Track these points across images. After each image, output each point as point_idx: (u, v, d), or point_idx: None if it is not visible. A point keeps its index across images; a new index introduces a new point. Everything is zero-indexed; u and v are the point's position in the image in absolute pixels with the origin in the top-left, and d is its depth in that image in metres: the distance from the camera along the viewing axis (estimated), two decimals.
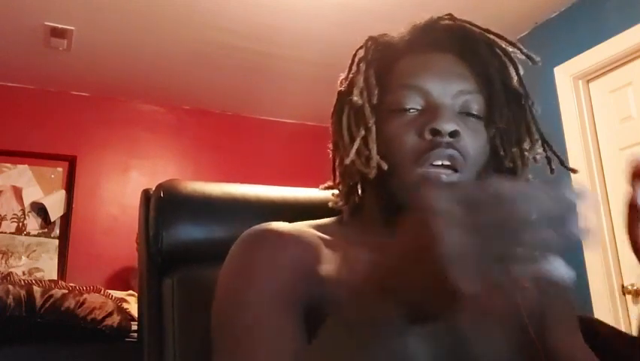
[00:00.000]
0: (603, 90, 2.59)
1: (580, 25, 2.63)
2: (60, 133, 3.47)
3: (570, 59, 2.64)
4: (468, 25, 0.74)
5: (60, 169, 3.44)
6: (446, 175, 0.64)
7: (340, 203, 0.77)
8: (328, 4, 2.64)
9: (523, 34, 2.87)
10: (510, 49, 0.73)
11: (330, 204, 0.79)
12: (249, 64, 3.22)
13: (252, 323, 0.58)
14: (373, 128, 0.68)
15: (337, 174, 0.77)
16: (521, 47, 0.73)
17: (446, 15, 0.75)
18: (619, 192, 2.48)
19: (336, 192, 0.79)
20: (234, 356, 0.59)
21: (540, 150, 0.73)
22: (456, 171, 0.65)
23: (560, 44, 2.70)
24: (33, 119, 3.43)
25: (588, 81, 2.65)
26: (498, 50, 0.72)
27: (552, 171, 0.75)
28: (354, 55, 0.76)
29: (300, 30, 2.86)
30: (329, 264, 0.65)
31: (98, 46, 3.00)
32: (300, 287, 0.61)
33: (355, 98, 0.69)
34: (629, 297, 2.39)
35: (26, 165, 3.37)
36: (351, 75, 0.74)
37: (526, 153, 0.72)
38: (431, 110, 0.66)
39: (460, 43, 0.72)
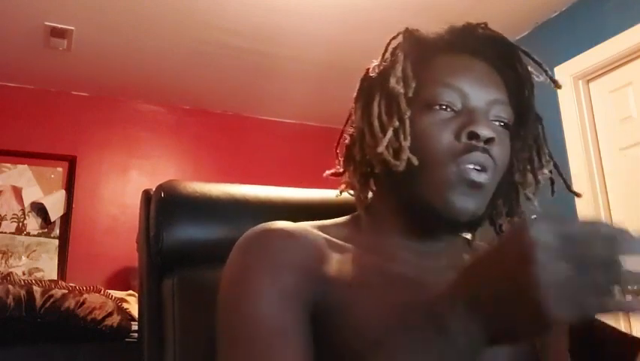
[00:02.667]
0: (603, 90, 2.59)
1: (580, 25, 2.63)
2: (60, 133, 3.47)
3: (570, 59, 2.64)
4: (504, 38, 0.74)
5: (60, 169, 3.44)
6: (477, 173, 0.64)
7: (355, 192, 0.75)
8: (330, 4, 2.64)
9: (524, 34, 2.87)
10: (530, 68, 0.73)
11: (339, 191, 0.78)
12: (250, 64, 3.22)
13: (255, 321, 0.58)
14: (407, 121, 0.67)
15: (349, 160, 0.75)
16: (547, 69, 0.74)
17: (482, 23, 0.75)
18: (619, 193, 2.47)
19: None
20: (237, 355, 0.58)
21: (546, 172, 0.74)
22: (487, 175, 0.66)
23: (560, 44, 2.70)
24: (33, 119, 3.43)
25: (588, 81, 2.64)
26: (520, 68, 0.73)
27: (553, 192, 0.76)
28: (388, 43, 0.74)
29: (302, 30, 2.86)
30: (334, 266, 0.64)
31: (98, 46, 3.00)
32: (303, 287, 0.61)
33: (394, 85, 0.67)
34: (629, 297, 2.39)
35: (26, 165, 3.37)
36: (384, 63, 0.72)
37: (536, 172, 0.73)
38: (468, 113, 0.66)
39: (496, 53, 0.72)
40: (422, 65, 0.70)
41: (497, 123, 0.68)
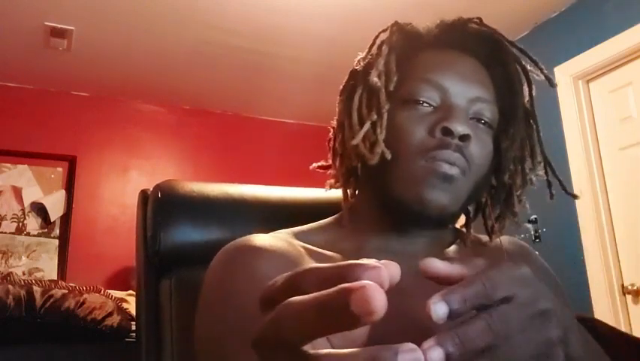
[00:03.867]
0: (603, 90, 2.58)
1: (580, 25, 2.63)
2: (60, 133, 3.48)
3: (570, 59, 2.64)
4: (497, 34, 0.72)
5: (60, 169, 3.45)
6: (449, 167, 0.63)
7: (337, 185, 0.75)
8: (329, 4, 2.64)
9: (523, 34, 2.87)
10: (529, 67, 0.72)
11: (326, 186, 0.77)
12: (250, 64, 3.22)
13: (226, 343, 0.56)
14: (385, 115, 0.66)
15: (335, 153, 0.74)
16: (542, 66, 0.72)
17: (476, 18, 0.73)
18: (619, 193, 2.47)
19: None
20: None
21: (541, 173, 0.73)
22: (461, 173, 0.64)
23: (560, 44, 2.70)
24: (33, 119, 3.43)
25: (588, 81, 2.64)
26: (518, 67, 0.71)
27: (552, 196, 0.74)
28: (377, 37, 0.72)
29: (301, 30, 2.86)
30: None
31: (98, 46, 3.00)
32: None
33: (374, 79, 0.66)
34: (629, 297, 2.39)
35: (26, 165, 3.37)
36: (370, 56, 0.71)
37: (527, 173, 0.71)
38: (445, 109, 0.65)
39: (486, 49, 0.71)
40: (407, 60, 0.69)
41: (477, 121, 0.67)
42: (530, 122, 0.72)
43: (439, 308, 0.33)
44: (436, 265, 0.37)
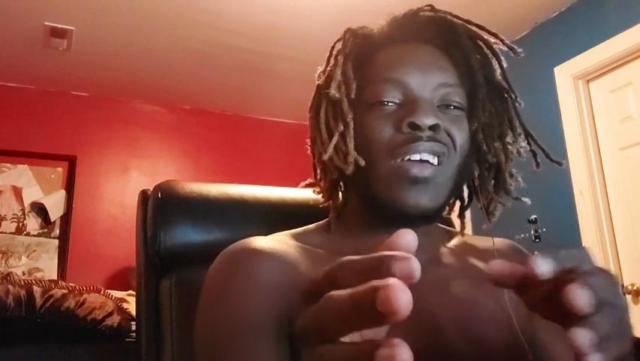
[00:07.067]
0: (603, 90, 2.59)
1: (580, 25, 2.63)
2: (60, 133, 3.48)
3: (570, 59, 2.64)
4: (449, 17, 0.72)
5: (60, 169, 3.45)
6: (419, 168, 0.63)
7: (323, 200, 0.76)
8: (328, 5, 2.64)
9: (523, 34, 2.87)
10: (493, 40, 0.71)
11: (320, 204, 0.77)
12: (249, 64, 3.22)
13: (227, 345, 0.57)
14: (351, 124, 0.66)
15: (317, 170, 0.75)
16: (503, 37, 0.71)
17: (426, 6, 0.73)
18: (619, 192, 2.47)
19: (318, 197, 0.77)
20: None
21: (524, 144, 0.72)
22: (438, 163, 0.64)
23: (560, 44, 2.70)
24: (33, 119, 3.43)
25: (588, 81, 2.64)
26: (480, 42, 0.71)
27: (537, 164, 0.73)
28: (332, 47, 0.73)
29: (300, 30, 2.86)
30: (306, 273, 0.63)
31: (98, 46, 3.00)
32: (278, 305, 0.59)
33: (333, 92, 0.67)
34: (629, 297, 2.39)
35: (26, 165, 3.37)
36: (329, 68, 0.72)
37: (509, 147, 0.71)
38: (410, 103, 0.64)
39: (441, 34, 0.70)
40: (365, 64, 0.70)
41: (446, 107, 0.66)
42: (505, 95, 0.71)
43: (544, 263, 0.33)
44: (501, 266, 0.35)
